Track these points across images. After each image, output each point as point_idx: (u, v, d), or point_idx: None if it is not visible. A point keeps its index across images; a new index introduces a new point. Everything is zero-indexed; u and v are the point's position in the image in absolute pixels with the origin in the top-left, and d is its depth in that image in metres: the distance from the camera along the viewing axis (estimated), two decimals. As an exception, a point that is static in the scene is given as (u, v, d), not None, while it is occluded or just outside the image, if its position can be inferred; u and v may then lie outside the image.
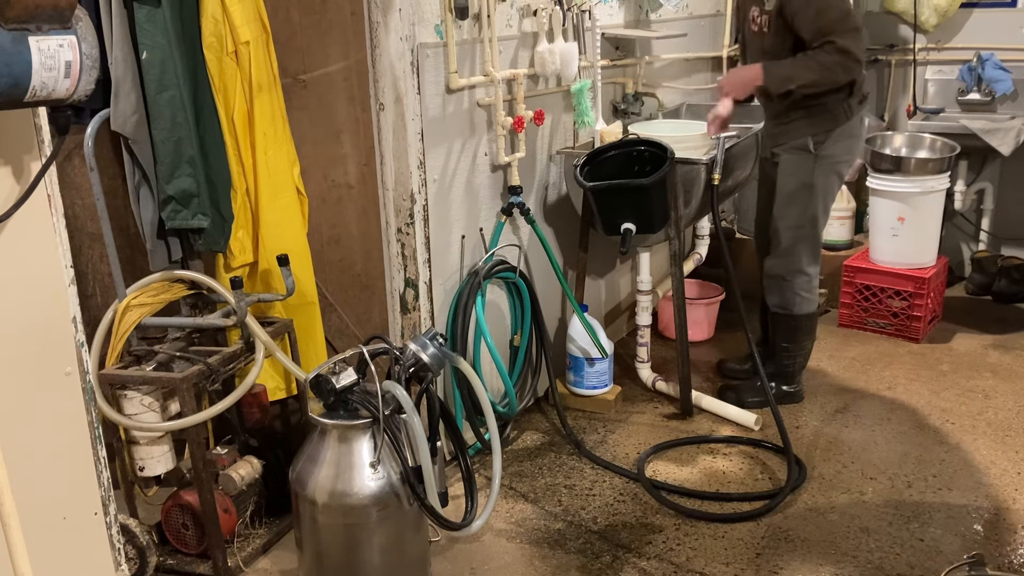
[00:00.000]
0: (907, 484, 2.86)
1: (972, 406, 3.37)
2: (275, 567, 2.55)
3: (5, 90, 1.33)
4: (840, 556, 2.51)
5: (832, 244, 4.39)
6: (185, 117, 2.41)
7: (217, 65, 2.43)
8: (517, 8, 3.07)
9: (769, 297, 3.37)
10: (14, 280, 1.56)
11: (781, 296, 3.31)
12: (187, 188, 2.45)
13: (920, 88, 4.61)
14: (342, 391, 2.15)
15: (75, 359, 1.70)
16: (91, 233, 2.69)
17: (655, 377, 3.53)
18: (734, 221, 4.76)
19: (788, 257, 3.26)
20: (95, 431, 1.76)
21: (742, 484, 2.89)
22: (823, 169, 3.16)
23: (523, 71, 3.08)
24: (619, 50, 3.80)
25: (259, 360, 2.47)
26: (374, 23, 2.60)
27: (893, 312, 4.03)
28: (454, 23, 2.76)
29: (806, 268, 3.26)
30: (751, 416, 3.22)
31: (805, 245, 3.23)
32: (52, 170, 1.62)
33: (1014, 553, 2.50)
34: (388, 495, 2.14)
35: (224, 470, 2.51)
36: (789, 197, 3.21)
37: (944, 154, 4.01)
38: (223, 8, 2.39)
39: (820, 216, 3.22)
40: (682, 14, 4.25)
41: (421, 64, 2.66)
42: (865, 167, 4.18)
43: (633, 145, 3.18)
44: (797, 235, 3.21)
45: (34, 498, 1.59)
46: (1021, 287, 4.40)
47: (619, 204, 3.02)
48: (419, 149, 2.70)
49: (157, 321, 2.50)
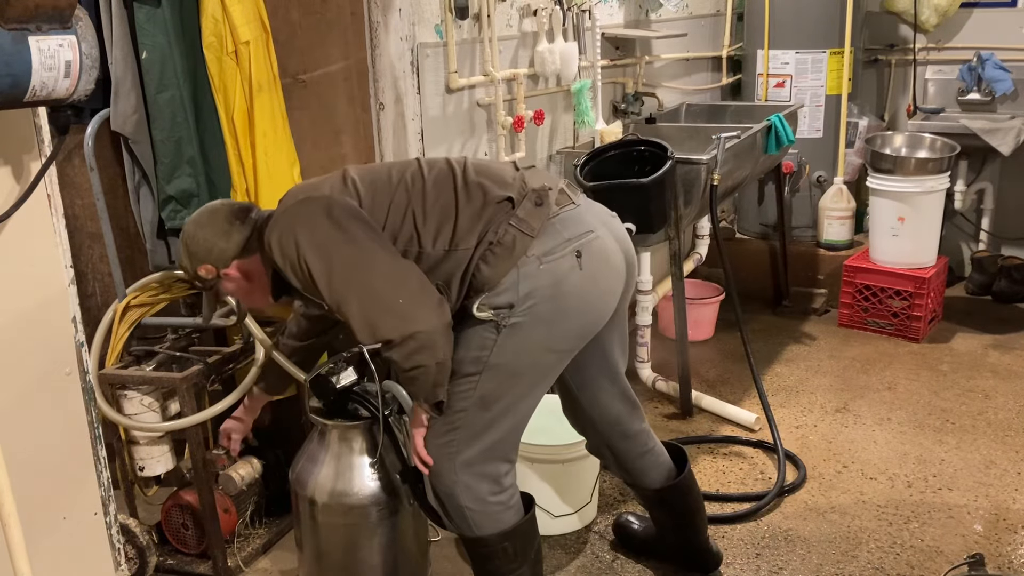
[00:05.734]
0: (907, 484, 2.86)
1: (972, 406, 3.37)
2: (275, 567, 2.55)
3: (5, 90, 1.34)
4: (840, 556, 2.51)
5: (832, 244, 4.40)
6: (185, 117, 2.40)
7: (217, 65, 2.43)
8: (517, 8, 3.07)
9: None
10: (14, 280, 1.56)
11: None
12: (187, 188, 2.45)
13: (920, 88, 4.60)
14: (342, 391, 2.14)
15: (75, 359, 1.70)
16: (91, 233, 2.68)
17: (655, 377, 3.53)
18: (734, 221, 4.77)
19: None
20: (95, 431, 1.76)
21: (742, 484, 2.89)
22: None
23: (523, 71, 3.08)
24: (619, 50, 3.81)
25: (259, 360, 2.47)
26: (374, 23, 2.60)
27: (893, 312, 4.03)
28: (454, 23, 2.76)
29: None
30: (751, 416, 3.22)
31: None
32: (52, 170, 1.62)
33: (1014, 553, 2.50)
34: (388, 495, 2.14)
35: (224, 470, 2.51)
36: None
37: (944, 154, 4.00)
38: (223, 8, 2.39)
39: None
40: (682, 14, 4.26)
41: (421, 64, 2.66)
42: (865, 167, 4.18)
43: (633, 145, 3.17)
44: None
45: (34, 498, 1.59)
46: (1021, 287, 4.40)
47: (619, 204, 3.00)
48: (419, 149, 2.70)
49: (157, 321, 2.50)
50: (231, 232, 1.97)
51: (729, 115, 4.25)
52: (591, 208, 2.03)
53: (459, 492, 1.97)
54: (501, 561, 2.02)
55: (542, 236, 1.89)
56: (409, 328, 1.79)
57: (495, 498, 2.00)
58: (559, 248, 1.88)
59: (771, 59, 4.40)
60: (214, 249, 1.97)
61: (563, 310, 1.90)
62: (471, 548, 2.06)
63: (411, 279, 1.85)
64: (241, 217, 2.00)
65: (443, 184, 1.94)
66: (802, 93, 4.36)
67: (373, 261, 1.83)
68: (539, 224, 1.89)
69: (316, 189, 1.96)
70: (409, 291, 1.83)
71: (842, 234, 4.41)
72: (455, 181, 1.95)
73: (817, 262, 4.39)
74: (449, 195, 1.92)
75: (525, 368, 1.94)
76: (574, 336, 1.97)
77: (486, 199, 1.91)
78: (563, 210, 1.94)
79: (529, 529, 2.07)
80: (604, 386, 2.20)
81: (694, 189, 3.16)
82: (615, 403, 2.22)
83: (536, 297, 1.87)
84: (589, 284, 1.92)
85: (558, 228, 1.91)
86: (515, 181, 1.95)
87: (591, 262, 1.91)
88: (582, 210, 1.98)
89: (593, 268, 1.92)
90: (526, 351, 1.91)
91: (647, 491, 2.35)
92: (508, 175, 1.97)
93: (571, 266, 1.89)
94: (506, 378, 1.93)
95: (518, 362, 1.92)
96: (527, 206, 1.90)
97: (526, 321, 1.87)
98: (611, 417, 2.23)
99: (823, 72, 4.33)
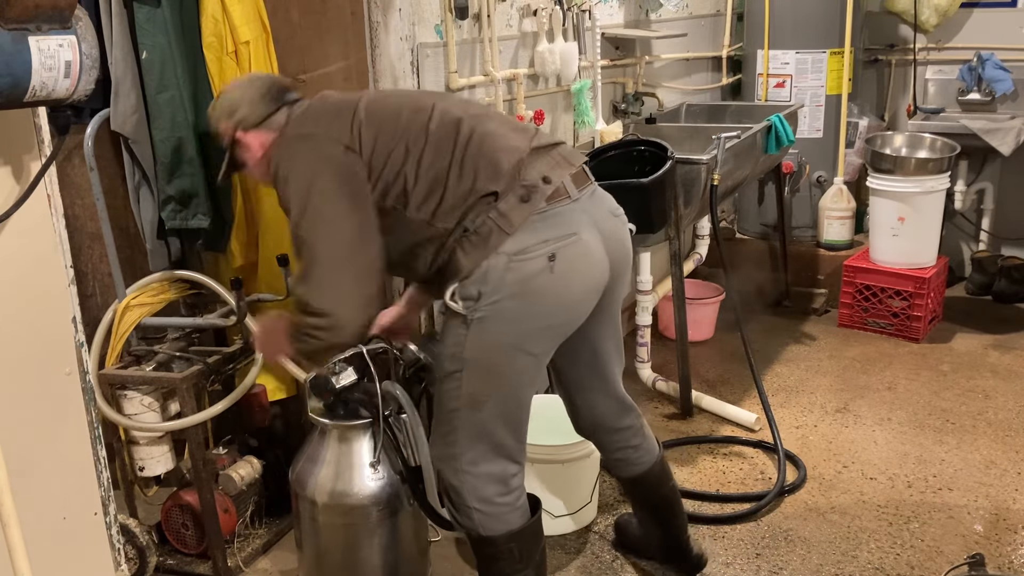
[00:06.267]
0: (907, 484, 2.86)
1: (972, 406, 3.37)
2: (275, 567, 2.55)
3: (5, 90, 1.33)
4: (840, 556, 2.51)
5: (832, 244, 4.40)
6: (185, 117, 2.40)
7: (217, 65, 2.43)
8: (517, 8, 3.07)
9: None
10: (14, 280, 1.56)
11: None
12: (187, 188, 2.45)
13: (920, 88, 4.60)
14: (342, 391, 2.15)
15: (75, 359, 1.70)
16: (91, 233, 2.68)
17: (655, 377, 3.53)
18: (734, 221, 4.77)
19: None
20: (95, 431, 1.76)
21: (742, 484, 2.89)
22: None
23: (523, 71, 3.08)
24: (619, 50, 3.80)
25: (259, 360, 2.47)
26: (374, 23, 2.60)
27: (893, 312, 4.03)
28: (454, 23, 2.76)
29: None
30: (751, 416, 3.22)
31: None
32: (52, 170, 1.62)
33: (1014, 553, 2.50)
34: (388, 495, 2.14)
35: (224, 470, 2.51)
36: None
37: (944, 154, 4.00)
38: (223, 8, 2.39)
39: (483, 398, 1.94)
40: (682, 14, 4.25)
41: (421, 64, 2.66)
42: (865, 167, 4.18)
43: (633, 145, 3.17)
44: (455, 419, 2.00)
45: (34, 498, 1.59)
46: (1021, 287, 4.40)
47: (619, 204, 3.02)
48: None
49: (157, 321, 2.50)
50: (258, 103, 2.02)
51: (729, 115, 4.25)
52: (590, 204, 1.96)
53: (466, 492, 1.97)
54: (507, 562, 2.01)
55: (520, 233, 1.84)
56: (329, 307, 1.82)
57: (502, 499, 1.99)
58: (533, 248, 1.84)
59: (771, 59, 4.40)
60: (236, 112, 2.03)
61: (529, 310, 1.86)
62: (478, 548, 2.05)
63: (361, 264, 1.87)
64: (276, 95, 2.04)
65: (442, 150, 1.90)
66: (802, 93, 4.36)
67: (340, 232, 1.86)
68: (520, 220, 1.85)
69: (335, 120, 1.94)
70: (353, 275, 1.85)
71: (842, 234, 4.41)
72: (454, 152, 1.90)
73: (817, 262, 4.40)
74: (443, 166, 1.89)
75: (501, 367, 1.91)
76: (544, 338, 1.93)
77: (473, 186, 1.88)
78: (552, 206, 1.88)
79: (535, 531, 2.07)
80: (594, 384, 2.19)
81: (694, 189, 3.16)
82: (602, 402, 2.22)
83: (501, 293, 1.83)
84: (559, 287, 1.87)
85: (539, 227, 1.86)
86: (510, 170, 1.89)
87: (564, 265, 1.86)
88: (574, 207, 1.91)
89: (566, 272, 1.87)
90: (496, 348, 1.89)
91: (620, 479, 2.39)
92: (506, 162, 1.89)
93: (542, 267, 1.84)
94: (486, 376, 1.91)
95: (492, 360, 1.89)
96: (511, 200, 1.86)
97: (491, 316, 1.85)
98: (596, 414, 2.24)
99: (823, 72, 4.33)
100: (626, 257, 2.06)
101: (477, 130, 1.93)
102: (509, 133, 1.96)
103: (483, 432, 1.95)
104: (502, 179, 1.88)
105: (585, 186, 1.98)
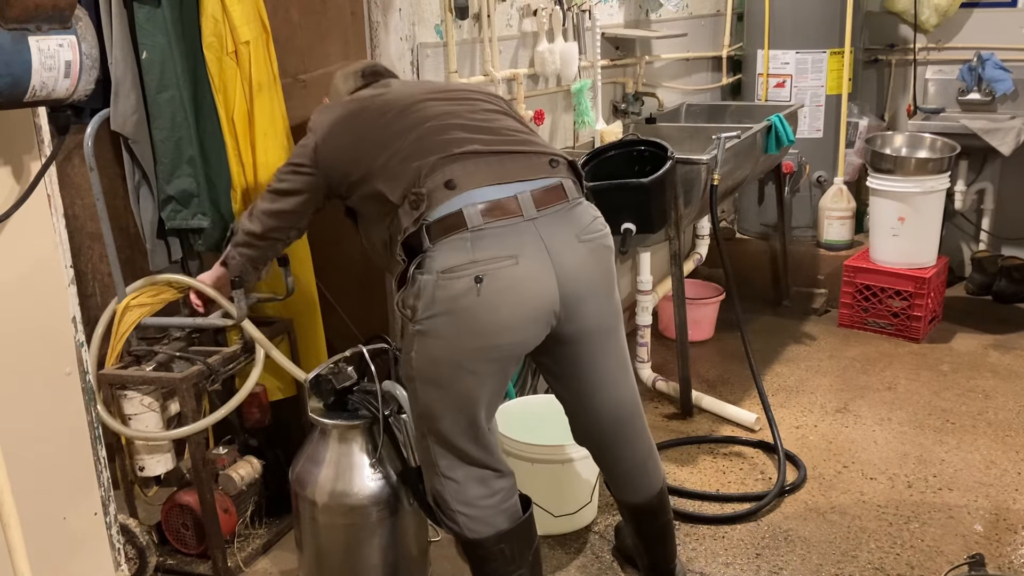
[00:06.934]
0: (907, 484, 2.86)
1: (972, 406, 3.37)
2: (275, 567, 2.55)
3: (5, 90, 1.33)
4: (840, 556, 2.51)
5: (832, 244, 4.40)
6: (185, 117, 2.40)
7: (217, 65, 2.43)
8: (517, 8, 3.07)
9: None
10: (14, 280, 1.56)
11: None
12: (187, 188, 2.45)
13: (920, 88, 4.60)
14: (342, 391, 2.15)
15: (75, 359, 1.70)
16: (91, 233, 2.68)
17: (655, 377, 3.53)
18: (734, 221, 4.77)
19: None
20: (95, 431, 1.76)
21: (742, 484, 2.89)
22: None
23: (523, 71, 3.08)
24: (619, 50, 3.81)
25: (259, 361, 2.47)
26: (374, 23, 2.61)
27: (893, 312, 4.03)
28: (454, 23, 2.76)
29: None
30: (751, 416, 3.22)
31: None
32: (52, 170, 1.61)
33: (1014, 553, 2.50)
34: (388, 495, 2.14)
35: (224, 470, 2.51)
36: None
37: (944, 154, 4.00)
38: (223, 8, 2.39)
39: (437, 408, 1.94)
40: (682, 14, 4.26)
41: (421, 64, 2.66)
42: (865, 167, 4.18)
43: (633, 145, 3.17)
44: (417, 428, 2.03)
45: (34, 498, 1.58)
46: (1021, 287, 4.40)
47: (619, 204, 3.02)
48: (419, 149, 2.70)
49: (157, 321, 2.50)
50: (349, 80, 2.30)
51: (729, 115, 4.25)
52: (549, 225, 1.85)
53: (448, 496, 1.97)
54: (499, 563, 1.99)
55: (449, 250, 1.80)
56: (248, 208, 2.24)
57: (485, 502, 1.97)
58: (460, 268, 1.79)
59: (771, 59, 4.40)
60: (334, 90, 2.33)
61: (462, 328, 1.82)
62: (467, 551, 2.04)
63: (277, 199, 2.16)
64: (365, 75, 2.30)
65: (412, 155, 1.92)
66: (802, 93, 4.36)
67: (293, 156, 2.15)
68: (408, 224, 1.83)
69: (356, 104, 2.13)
70: (269, 192, 2.17)
71: (842, 234, 4.41)
72: (399, 152, 1.93)
73: (817, 262, 4.40)
74: (407, 165, 1.91)
75: (444, 382, 1.87)
76: (481, 359, 1.86)
77: (397, 191, 1.92)
78: (490, 225, 1.80)
79: (526, 531, 2.05)
80: (584, 406, 2.10)
81: (694, 189, 3.16)
82: (594, 427, 2.13)
83: (434, 309, 1.81)
84: (485, 312, 1.80)
85: (468, 247, 1.79)
86: (411, 174, 1.87)
87: (492, 288, 1.79)
88: (523, 228, 1.82)
89: (493, 295, 1.79)
90: (437, 363, 1.86)
91: (615, 499, 2.31)
92: (413, 167, 1.87)
93: (467, 288, 1.78)
94: (435, 390, 1.89)
95: (437, 373, 1.87)
96: (405, 207, 1.86)
97: (429, 331, 1.83)
98: (588, 436, 2.18)
99: (823, 72, 4.33)
100: (590, 284, 1.94)
101: (424, 130, 1.95)
102: (462, 138, 1.92)
103: (446, 442, 1.94)
104: (400, 185, 1.89)
105: (551, 205, 1.88)
